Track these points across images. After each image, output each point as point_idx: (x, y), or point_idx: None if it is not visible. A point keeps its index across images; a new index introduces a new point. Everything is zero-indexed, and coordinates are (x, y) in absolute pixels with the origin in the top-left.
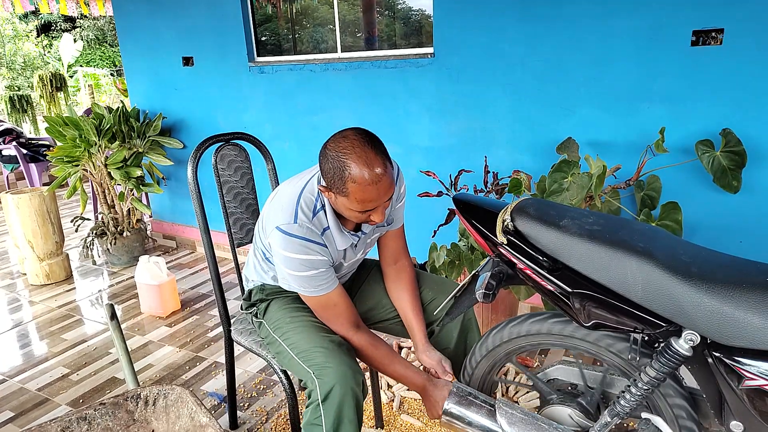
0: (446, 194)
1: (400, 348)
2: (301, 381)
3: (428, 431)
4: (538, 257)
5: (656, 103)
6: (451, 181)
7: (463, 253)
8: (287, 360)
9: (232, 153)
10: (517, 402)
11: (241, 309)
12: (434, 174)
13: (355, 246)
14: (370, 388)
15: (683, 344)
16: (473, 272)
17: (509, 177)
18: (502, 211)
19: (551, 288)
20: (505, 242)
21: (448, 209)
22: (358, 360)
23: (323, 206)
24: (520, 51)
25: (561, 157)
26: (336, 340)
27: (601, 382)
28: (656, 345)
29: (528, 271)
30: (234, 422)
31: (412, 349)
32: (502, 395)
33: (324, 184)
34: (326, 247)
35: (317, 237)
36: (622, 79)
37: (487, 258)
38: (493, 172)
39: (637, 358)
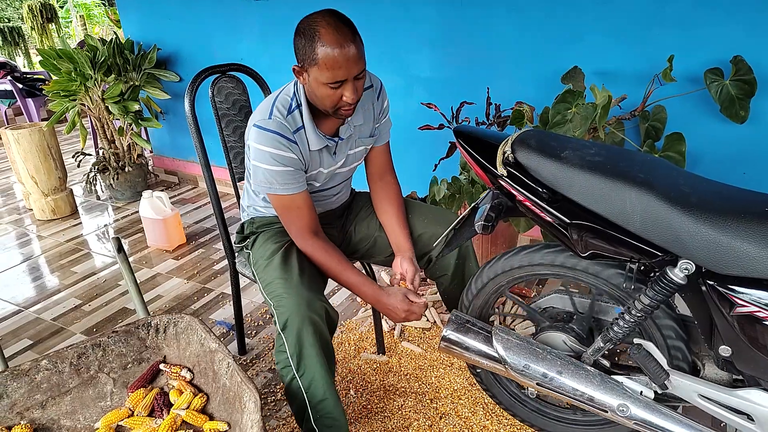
0: (447, 127)
1: None
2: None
3: (427, 356)
4: (538, 189)
5: (666, 29)
6: (453, 114)
7: (463, 186)
8: (261, 291)
9: (230, 85)
10: (513, 330)
11: (235, 243)
12: (435, 106)
13: (334, 153)
14: (372, 318)
15: (678, 273)
16: (473, 204)
17: (512, 109)
18: (503, 143)
19: (550, 219)
20: (505, 174)
21: (450, 142)
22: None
23: (299, 106)
24: None
25: (566, 88)
26: (295, 271)
27: (594, 310)
28: (651, 274)
29: (527, 203)
30: (242, 348)
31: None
32: (500, 324)
33: (297, 64)
34: (297, 145)
35: (288, 133)
36: (633, 1)
37: (487, 190)
38: (496, 104)
39: (632, 287)
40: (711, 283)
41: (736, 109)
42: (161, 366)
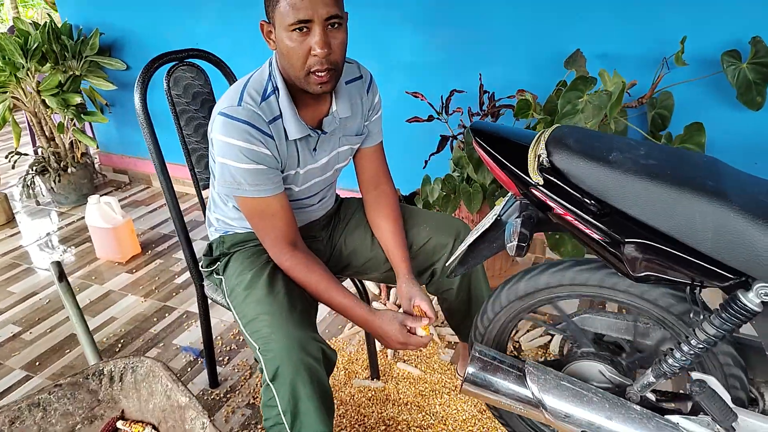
0: (437, 119)
1: (399, 306)
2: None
3: (428, 379)
4: (584, 200)
5: (677, 6)
6: (442, 104)
7: (459, 185)
8: (240, 330)
9: (189, 75)
10: (538, 360)
11: (202, 267)
12: (422, 95)
13: (314, 150)
14: (365, 338)
15: (754, 299)
16: (494, 215)
17: (508, 97)
18: (534, 143)
19: (598, 237)
20: (541, 183)
21: (441, 135)
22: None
23: (276, 90)
24: None
25: (570, 73)
26: (284, 303)
27: (637, 334)
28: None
29: (569, 217)
30: (214, 380)
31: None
32: (513, 349)
33: (265, 19)
34: (272, 139)
35: (262, 124)
36: None
37: (508, 197)
38: (489, 93)
39: (701, 317)
40: None
41: (752, 95)
42: (119, 424)
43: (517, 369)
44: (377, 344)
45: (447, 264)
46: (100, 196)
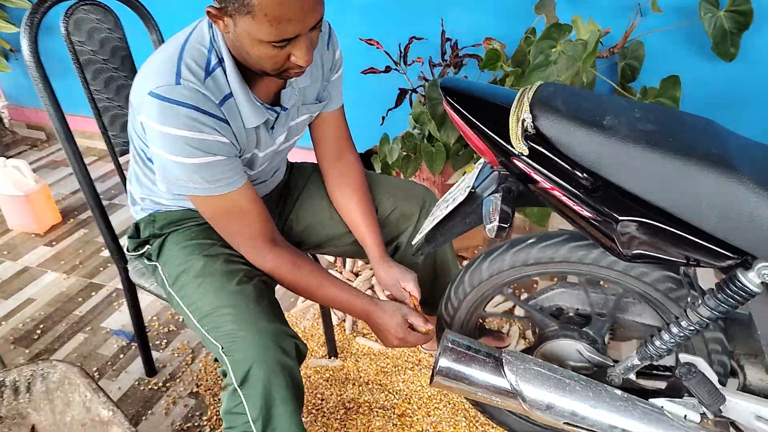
0: (395, 69)
1: (357, 274)
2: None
3: (389, 353)
4: (575, 173)
5: None
6: (401, 53)
7: (419, 144)
8: (191, 326)
9: (93, 17)
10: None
11: (128, 251)
12: (377, 42)
13: (272, 128)
14: (320, 312)
15: (754, 279)
16: (468, 188)
17: (472, 46)
18: (515, 105)
19: (588, 214)
20: (526, 153)
21: (399, 89)
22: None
23: (221, 61)
24: None
25: (539, 19)
26: (250, 293)
27: (615, 308)
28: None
29: (556, 192)
30: (151, 367)
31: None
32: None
33: (215, 5)
34: (226, 124)
35: (212, 107)
36: None
37: (482, 167)
38: (452, 41)
39: (699, 300)
40: None
41: (726, 46)
42: None
43: (493, 358)
44: (334, 317)
45: (413, 242)
46: (9, 158)
